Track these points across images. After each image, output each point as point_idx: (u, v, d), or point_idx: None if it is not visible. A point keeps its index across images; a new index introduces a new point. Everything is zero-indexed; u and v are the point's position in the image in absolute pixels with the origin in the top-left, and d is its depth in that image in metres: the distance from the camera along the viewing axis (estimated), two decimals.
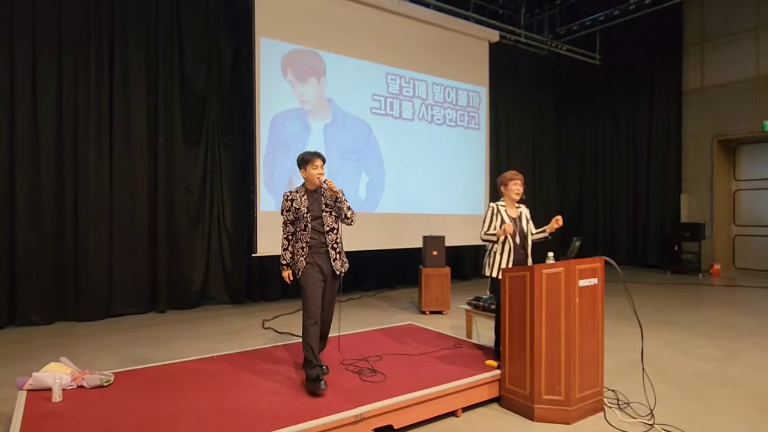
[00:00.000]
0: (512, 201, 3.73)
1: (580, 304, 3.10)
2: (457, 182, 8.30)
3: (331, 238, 3.28)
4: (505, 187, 3.74)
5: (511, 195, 3.70)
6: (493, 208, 3.70)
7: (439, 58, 8.11)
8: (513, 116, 10.18)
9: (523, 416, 3.11)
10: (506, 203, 3.73)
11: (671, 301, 7.07)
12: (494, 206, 3.71)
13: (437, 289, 6.18)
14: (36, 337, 5.05)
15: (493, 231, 3.62)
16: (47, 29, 5.62)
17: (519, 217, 3.73)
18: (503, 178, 3.77)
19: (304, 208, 3.23)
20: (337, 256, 3.29)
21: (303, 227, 3.23)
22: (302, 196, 3.27)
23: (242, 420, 2.55)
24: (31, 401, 2.80)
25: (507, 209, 3.69)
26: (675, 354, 4.45)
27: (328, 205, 3.29)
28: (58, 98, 5.70)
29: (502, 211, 3.67)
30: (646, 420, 3.03)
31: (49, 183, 5.64)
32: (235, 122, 6.84)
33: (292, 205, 3.27)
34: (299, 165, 3.30)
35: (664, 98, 10.28)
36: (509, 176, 3.74)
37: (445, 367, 3.43)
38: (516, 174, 3.73)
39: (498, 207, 3.70)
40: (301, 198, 3.26)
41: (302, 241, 3.23)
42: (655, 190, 10.45)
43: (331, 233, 3.28)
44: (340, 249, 3.33)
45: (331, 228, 3.28)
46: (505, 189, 3.74)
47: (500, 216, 3.66)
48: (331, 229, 3.29)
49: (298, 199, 3.26)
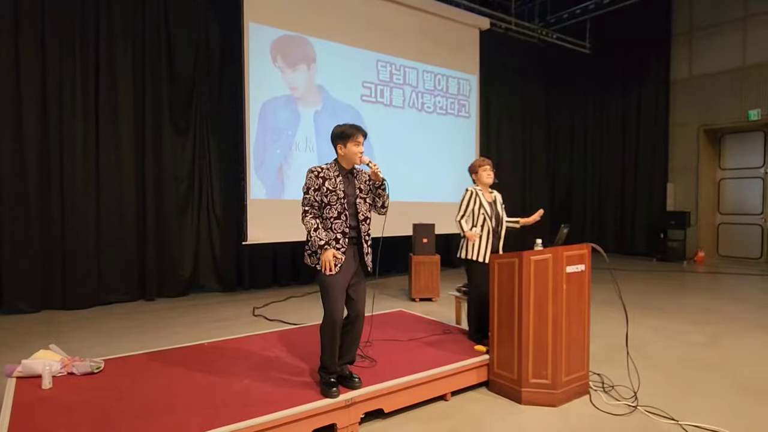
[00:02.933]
0: (486, 186, 3.80)
1: (567, 290, 3.15)
2: (447, 170, 8.31)
3: (364, 228, 2.86)
4: (476, 174, 3.82)
5: (483, 180, 3.80)
6: (472, 192, 3.76)
7: (429, 46, 8.08)
8: (503, 104, 10.19)
9: (511, 399, 3.16)
10: (481, 188, 3.80)
11: (657, 287, 7.19)
12: (472, 190, 3.78)
13: (427, 276, 6.23)
14: (23, 325, 5.01)
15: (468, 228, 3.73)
16: (31, 13, 5.48)
17: (494, 201, 3.84)
18: (472, 166, 3.86)
19: (340, 191, 2.77)
20: (369, 250, 2.89)
21: (336, 214, 2.76)
22: (337, 175, 2.80)
23: (234, 405, 2.57)
24: (20, 388, 2.79)
25: (483, 194, 3.77)
26: (659, 339, 4.54)
27: (362, 189, 2.86)
28: (42, 85, 5.58)
29: (480, 195, 3.75)
30: (630, 402, 3.11)
31: (34, 171, 5.55)
32: (224, 109, 6.76)
33: (323, 185, 2.75)
34: (336, 139, 2.83)
35: (653, 87, 10.36)
36: (477, 163, 3.83)
37: (434, 352, 3.47)
38: (484, 160, 3.84)
39: (476, 191, 3.77)
40: (336, 178, 2.79)
41: (334, 231, 2.76)
42: (642, 178, 10.57)
43: (365, 223, 2.86)
44: (372, 242, 2.94)
45: (365, 217, 2.86)
46: (477, 176, 3.83)
47: (478, 199, 3.74)
48: (365, 219, 2.86)
49: (333, 178, 2.77)
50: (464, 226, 3.75)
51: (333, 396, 2.65)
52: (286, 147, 6.55)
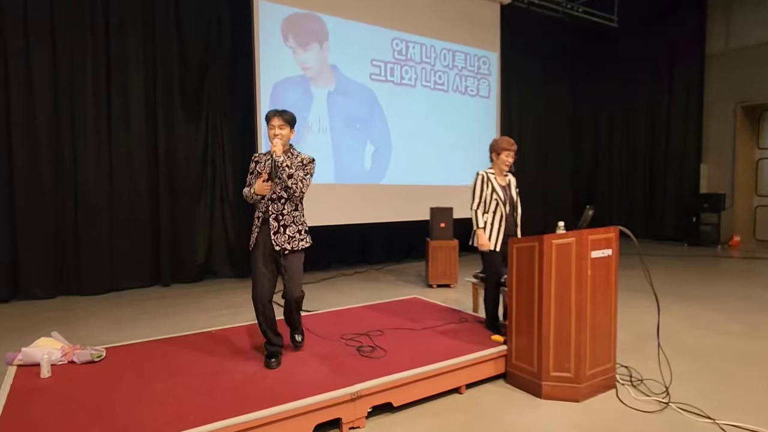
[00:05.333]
0: (501, 170, 3.56)
1: (592, 276, 2.90)
2: (466, 152, 8.02)
3: (276, 208, 2.90)
4: (496, 156, 3.55)
5: (501, 166, 3.55)
6: (483, 177, 3.53)
7: (447, 22, 7.74)
8: (525, 83, 9.79)
9: (530, 393, 2.96)
10: (495, 171, 3.57)
11: (688, 273, 6.83)
12: (483, 174, 3.54)
13: (445, 262, 6.02)
14: (38, 311, 5.02)
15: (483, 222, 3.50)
16: (41, 1, 5.40)
17: (508, 185, 3.61)
18: (497, 145, 3.55)
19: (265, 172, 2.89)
20: (281, 229, 2.89)
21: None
22: (267, 159, 2.91)
23: (233, 397, 2.44)
24: (19, 377, 2.72)
25: (496, 177, 3.52)
26: (692, 328, 4.25)
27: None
28: (53, 72, 5.52)
29: (492, 179, 3.51)
30: (661, 398, 2.87)
31: (48, 159, 5.52)
32: (236, 91, 6.62)
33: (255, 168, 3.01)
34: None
35: (686, 62, 9.79)
36: (504, 145, 3.52)
37: (448, 342, 3.28)
38: (512, 144, 3.54)
39: (487, 175, 3.54)
40: (266, 162, 2.93)
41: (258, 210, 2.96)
42: (673, 159, 10.07)
43: (277, 202, 2.90)
44: (285, 222, 2.91)
45: (278, 197, 2.90)
46: (497, 158, 3.56)
47: (491, 184, 3.51)
48: (279, 198, 2.90)
49: (263, 162, 2.96)
50: (479, 220, 3.50)
51: (270, 366, 2.82)
52: (298, 128, 6.30)
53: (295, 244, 2.91)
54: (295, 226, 2.93)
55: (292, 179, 2.85)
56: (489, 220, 3.49)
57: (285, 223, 2.90)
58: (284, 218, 2.90)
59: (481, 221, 3.50)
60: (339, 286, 6.23)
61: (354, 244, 7.73)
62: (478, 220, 3.50)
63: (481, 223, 3.49)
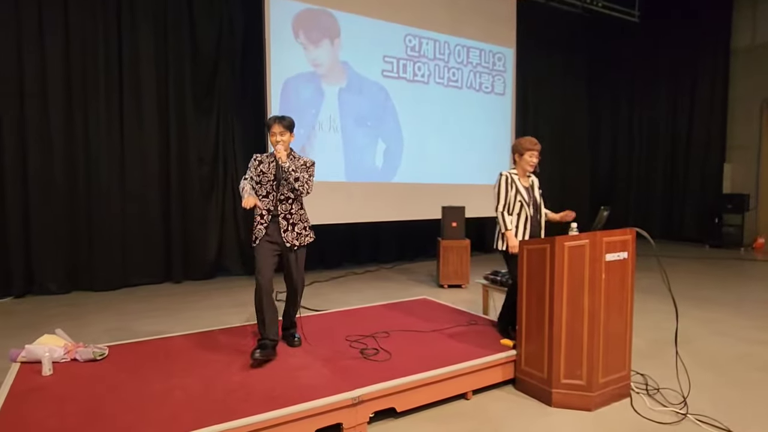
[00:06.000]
0: (524, 171, 3.43)
1: (606, 279, 2.78)
2: (479, 150, 7.89)
3: (285, 207, 3.09)
4: (520, 156, 3.42)
5: (525, 167, 3.42)
6: (507, 178, 3.40)
7: (462, 17, 7.60)
8: (542, 80, 9.58)
9: (539, 401, 2.85)
10: (518, 172, 3.44)
11: (710, 277, 6.60)
12: (507, 175, 3.41)
13: (456, 262, 5.91)
14: (50, 306, 5.06)
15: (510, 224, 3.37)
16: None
17: (531, 186, 3.48)
18: (520, 145, 3.43)
19: (271, 174, 3.11)
20: (289, 227, 3.08)
21: (265, 193, 3.13)
22: (271, 161, 3.14)
23: (232, 400, 2.38)
24: (22, 374, 2.71)
25: (520, 178, 3.40)
26: (713, 335, 4.08)
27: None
28: (66, 69, 5.55)
29: (516, 180, 3.39)
30: (678, 408, 2.73)
31: (61, 156, 5.57)
32: (247, 88, 6.59)
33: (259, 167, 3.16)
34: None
35: (710, 58, 9.48)
36: (527, 145, 3.40)
37: (456, 345, 3.19)
38: (535, 144, 3.41)
39: (511, 176, 3.40)
40: (271, 164, 3.14)
41: (260, 208, 3.11)
42: (695, 158, 9.78)
43: (285, 203, 3.09)
44: (294, 220, 3.12)
45: (286, 197, 3.09)
46: (520, 159, 3.43)
47: (515, 186, 3.38)
48: (286, 199, 3.09)
49: (267, 163, 3.14)
50: (507, 222, 3.36)
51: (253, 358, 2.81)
52: (309, 126, 6.32)
53: (303, 240, 3.14)
54: (302, 224, 3.15)
55: (299, 182, 3.04)
56: (514, 222, 3.38)
57: (294, 222, 3.10)
58: (293, 217, 3.10)
59: (510, 223, 3.37)
60: (348, 285, 6.16)
61: (365, 242, 7.66)
62: (506, 222, 3.36)
63: (510, 225, 3.36)
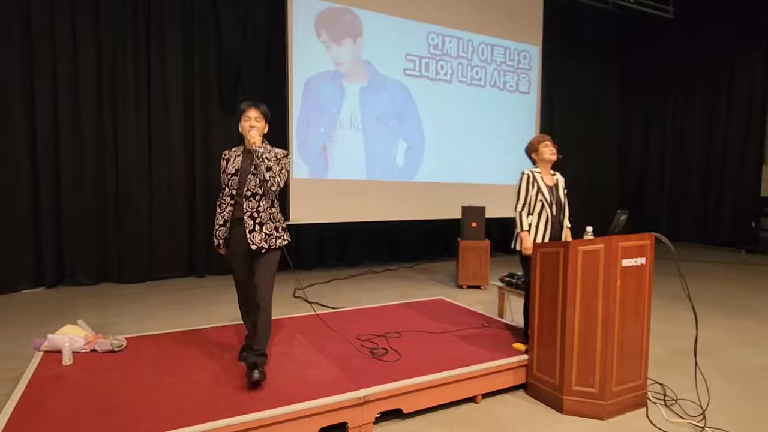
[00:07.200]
0: (547, 166, 3.33)
1: (622, 286, 2.70)
2: (502, 150, 7.77)
3: (251, 205, 2.72)
4: (536, 153, 3.33)
5: (546, 157, 3.29)
6: (529, 176, 3.29)
7: (486, 14, 7.49)
8: (568, 79, 9.37)
9: (550, 407, 2.80)
10: (541, 170, 3.33)
11: (743, 283, 6.33)
12: (529, 174, 3.30)
13: (475, 262, 5.85)
14: (79, 296, 5.25)
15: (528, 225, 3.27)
16: (84, 1, 5.63)
17: (555, 185, 3.34)
18: (531, 145, 3.37)
19: (232, 168, 2.76)
20: (256, 228, 2.71)
21: (227, 191, 2.81)
22: (238, 155, 2.81)
23: (237, 396, 2.42)
24: (44, 363, 2.82)
25: (543, 176, 3.30)
26: (741, 345, 3.92)
27: (257, 165, 2.72)
28: (97, 70, 5.74)
29: (538, 179, 3.28)
30: (696, 421, 2.63)
31: (91, 156, 5.76)
32: (271, 87, 6.66)
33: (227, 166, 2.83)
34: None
35: (749, 56, 9.07)
36: (536, 140, 3.35)
37: (467, 347, 3.15)
38: (543, 136, 3.36)
39: (533, 174, 3.29)
40: (237, 158, 2.79)
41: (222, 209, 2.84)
42: (732, 160, 9.38)
43: (252, 199, 2.72)
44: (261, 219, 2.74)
45: (253, 193, 2.72)
46: (537, 154, 3.33)
47: (536, 185, 3.27)
48: (253, 195, 2.72)
49: (233, 158, 2.80)
50: (524, 222, 3.26)
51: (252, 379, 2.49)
52: (330, 125, 6.35)
53: (272, 242, 2.74)
54: (272, 224, 2.76)
55: (270, 172, 2.66)
56: (533, 222, 3.26)
57: (261, 221, 2.72)
58: (260, 215, 2.72)
59: (525, 223, 3.27)
60: (367, 283, 6.18)
61: (386, 241, 7.66)
62: (522, 222, 3.26)
63: (525, 225, 3.26)
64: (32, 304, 4.97)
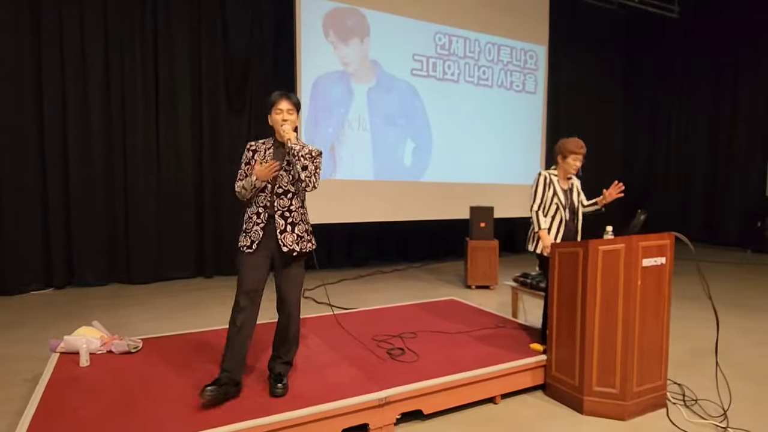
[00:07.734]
0: (565, 174, 3.32)
1: (642, 286, 2.69)
2: (509, 150, 7.76)
3: (282, 203, 2.51)
4: (563, 159, 3.28)
5: (567, 169, 3.28)
6: (546, 178, 3.28)
7: (493, 15, 7.48)
8: (575, 78, 9.36)
9: (570, 408, 2.78)
10: (559, 174, 3.31)
11: (751, 283, 6.32)
12: (546, 175, 3.29)
13: (484, 263, 5.84)
14: (89, 297, 5.25)
15: (546, 225, 3.25)
16: (94, 2, 5.63)
17: (570, 189, 3.34)
18: (564, 147, 3.26)
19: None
20: (288, 228, 2.51)
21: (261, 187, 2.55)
22: (267, 148, 2.58)
23: (257, 396, 2.41)
24: (61, 364, 2.80)
25: (559, 180, 3.29)
26: (756, 345, 3.90)
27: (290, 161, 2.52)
28: (105, 71, 5.73)
29: (554, 182, 3.27)
30: (718, 422, 2.62)
31: (100, 153, 5.76)
32: (278, 87, 6.63)
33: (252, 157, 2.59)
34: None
35: (754, 53, 9.04)
36: (571, 148, 3.23)
37: (484, 348, 3.14)
38: (580, 147, 3.23)
39: (550, 177, 3.28)
40: (267, 151, 2.57)
41: (256, 205, 2.53)
42: (737, 159, 9.35)
43: (284, 197, 2.51)
44: (294, 220, 2.53)
45: (285, 191, 2.51)
46: (563, 161, 3.28)
47: (552, 187, 3.26)
48: (285, 192, 2.52)
49: (262, 151, 2.58)
50: (542, 221, 3.24)
51: (202, 397, 2.26)
52: (338, 125, 6.34)
53: (303, 245, 2.55)
54: (303, 225, 2.57)
55: (306, 171, 2.45)
56: (547, 225, 3.26)
57: (293, 221, 2.51)
58: (292, 215, 2.51)
59: (544, 223, 3.25)
60: (376, 283, 6.16)
61: (394, 241, 7.65)
62: (540, 222, 3.24)
63: (543, 224, 3.25)
64: (43, 305, 4.96)
